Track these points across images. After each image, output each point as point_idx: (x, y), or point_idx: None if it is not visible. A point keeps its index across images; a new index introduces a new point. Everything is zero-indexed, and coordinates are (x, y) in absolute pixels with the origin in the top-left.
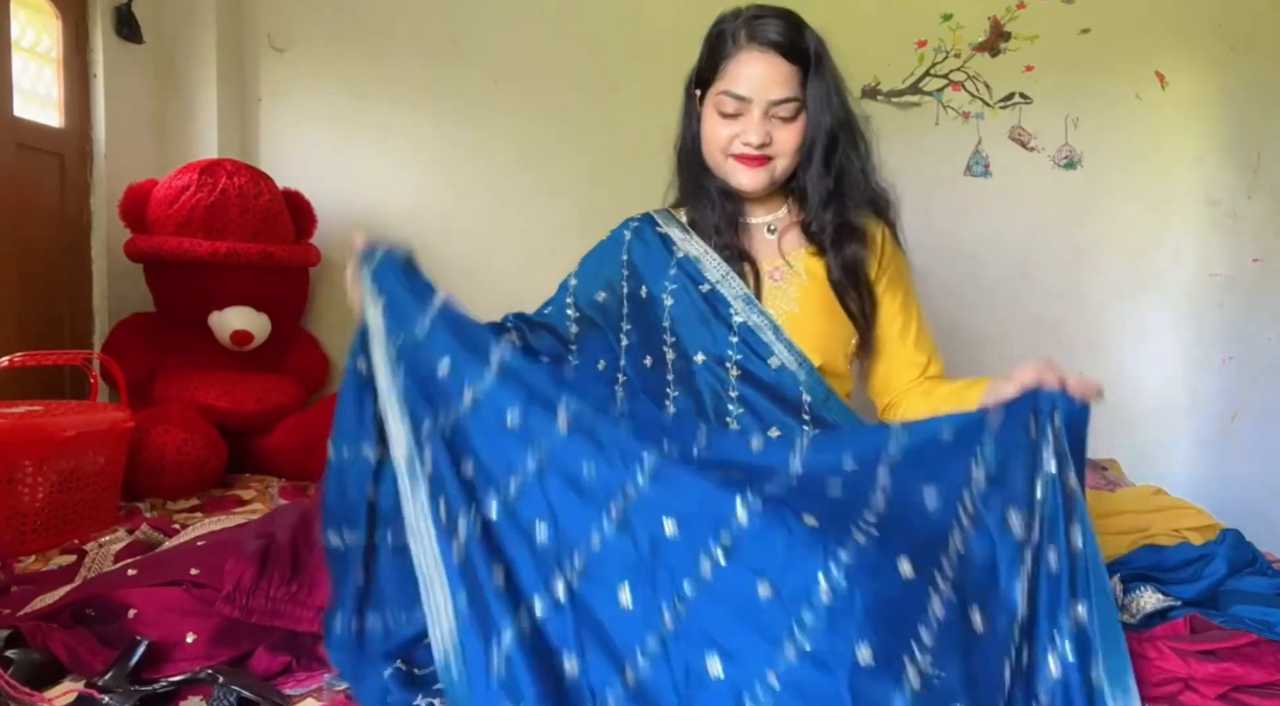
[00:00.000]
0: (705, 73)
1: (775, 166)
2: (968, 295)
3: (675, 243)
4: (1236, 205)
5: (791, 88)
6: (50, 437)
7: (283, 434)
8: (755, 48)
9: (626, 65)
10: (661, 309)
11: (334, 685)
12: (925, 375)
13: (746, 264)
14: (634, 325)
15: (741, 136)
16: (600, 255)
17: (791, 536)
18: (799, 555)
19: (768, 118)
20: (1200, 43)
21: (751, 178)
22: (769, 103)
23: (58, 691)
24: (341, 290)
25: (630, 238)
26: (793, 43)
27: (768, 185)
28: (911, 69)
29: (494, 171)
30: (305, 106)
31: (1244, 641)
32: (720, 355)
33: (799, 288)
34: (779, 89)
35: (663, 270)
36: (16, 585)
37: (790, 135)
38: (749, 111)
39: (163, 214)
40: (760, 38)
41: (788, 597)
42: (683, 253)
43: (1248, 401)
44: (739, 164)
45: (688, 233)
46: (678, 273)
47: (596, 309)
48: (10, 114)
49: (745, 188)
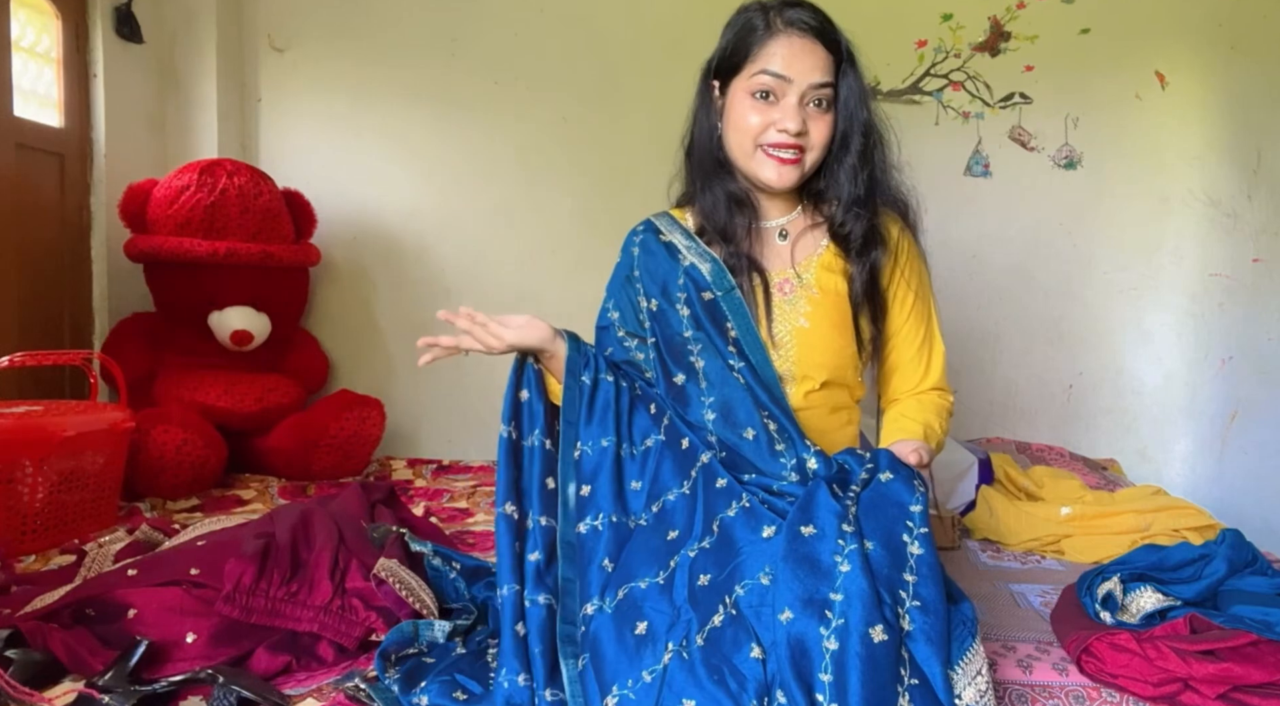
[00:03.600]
0: (732, 59)
1: (805, 161)
2: (968, 295)
3: (680, 250)
4: (1236, 205)
5: (829, 74)
6: (50, 437)
7: (283, 434)
8: (794, 31)
9: (626, 65)
10: (680, 319)
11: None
12: (921, 387)
13: (756, 275)
14: (659, 338)
15: (778, 123)
16: (619, 279)
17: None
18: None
19: (803, 105)
20: (1200, 43)
21: (782, 175)
22: (809, 86)
23: (58, 691)
24: (341, 290)
25: (638, 253)
26: (828, 30)
27: (797, 182)
28: (911, 69)
29: (493, 171)
30: (305, 106)
31: (1244, 641)
32: (727, 366)
33: (809, 301)
34: (820, 73)
35: (672, 279)
36: (16, 585)
37: (824, 127)
38: (787, 95)
39: (163, 214)
40: (798, 22)
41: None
42: (688, 261)
43: (1248, 401)
44: (770, 158)
45: (692, 240)
46: (686, 281)
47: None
48: (10, 114)
49: (774, 184)
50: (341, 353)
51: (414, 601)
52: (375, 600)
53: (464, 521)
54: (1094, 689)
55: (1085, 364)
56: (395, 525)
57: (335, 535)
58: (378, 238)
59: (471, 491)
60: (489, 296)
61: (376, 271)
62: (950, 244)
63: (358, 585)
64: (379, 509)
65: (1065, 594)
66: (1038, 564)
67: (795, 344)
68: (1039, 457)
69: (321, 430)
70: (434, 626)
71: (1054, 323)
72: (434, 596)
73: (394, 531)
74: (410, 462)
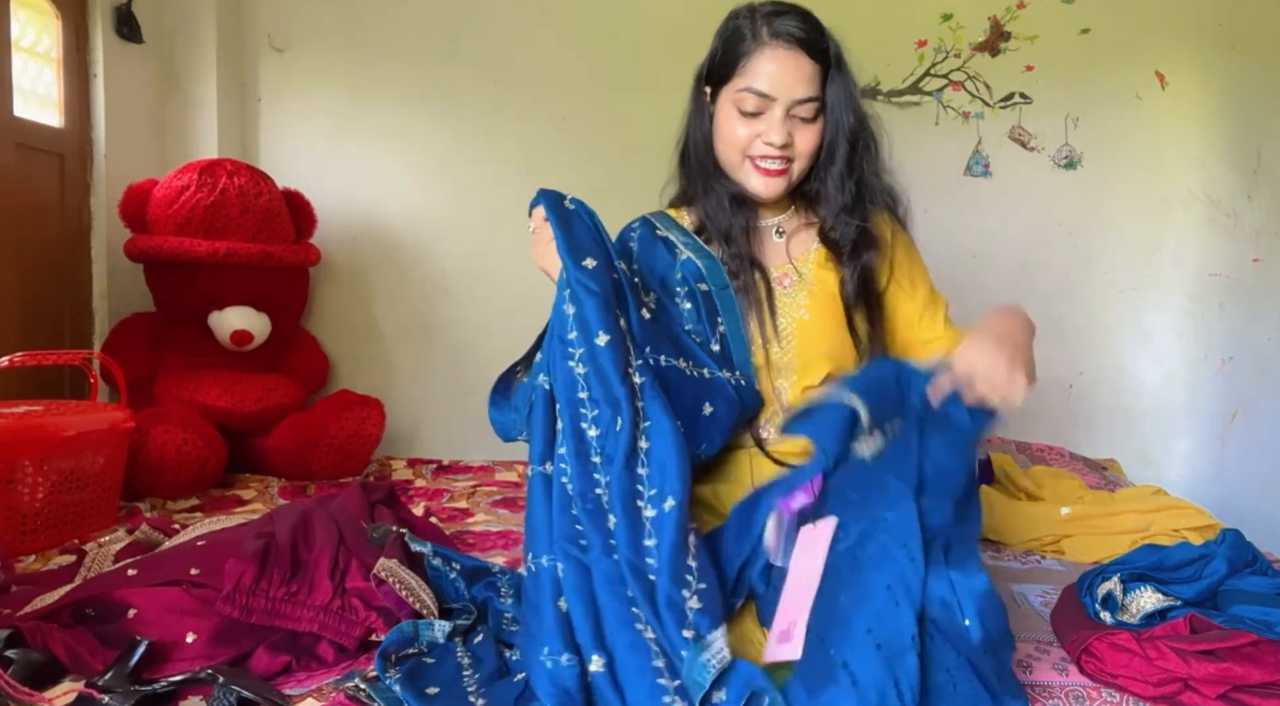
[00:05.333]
0: (721, 69)
1: (793, 171)
2: (968, 295)
3: (676, 246)
4: (1236, 205)
5: (814, 87)
6: (50, 437)
7: (283, 434)
8: (779, 44)
9: (626, 65)
10: (680, 313)
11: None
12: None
13: (757, 271)
14: (658, 328)
15: (764, 136)
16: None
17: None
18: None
19: (789, 117)
20: (1200, 43)
21: (769, 186)
22: (792, 101)
23: (58, 691)
24: (341, 290)
25: (636, 246)
26: (814, 40)
27: (784, 192)
28: (911, 69)
29: (494, 171)
30: (305, 106)
31: (1244, 641)
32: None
33: (809, 294)
34: (803, 87)
35: (670, 274)
36: (16, 585)
37: (810, 137)
38: (771, 110)
39: (163, 214)
40: (784, 34)
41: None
42: (685, 256)
43: (1248, 401)
44: (756, 171)
45: (690, 237)
46: (684, 275)
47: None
48: (10, 114)
49: (760, 194)
50: (341, 353)
51: (414, 601)
52: (375, 600)
53: (464, 521)
54: (1094, 689)
55: (1085, 364)
56: (395, 525)
57: (335, 535)
58: (378, 238)
59: (471, 491)
60: (489, 296)
61: (376, 271)
62: (950, 244)
63: (358, 585)
64: (379, 509)
65: (1065, 594)
66: (1038, 564)
67: (797, 336)
68: (1039, 457)
69: (321, 430)
70: (434, 626)
71: (1054, 323)
72: (434, 596)
73: (394, 531)
74: (410, 462)
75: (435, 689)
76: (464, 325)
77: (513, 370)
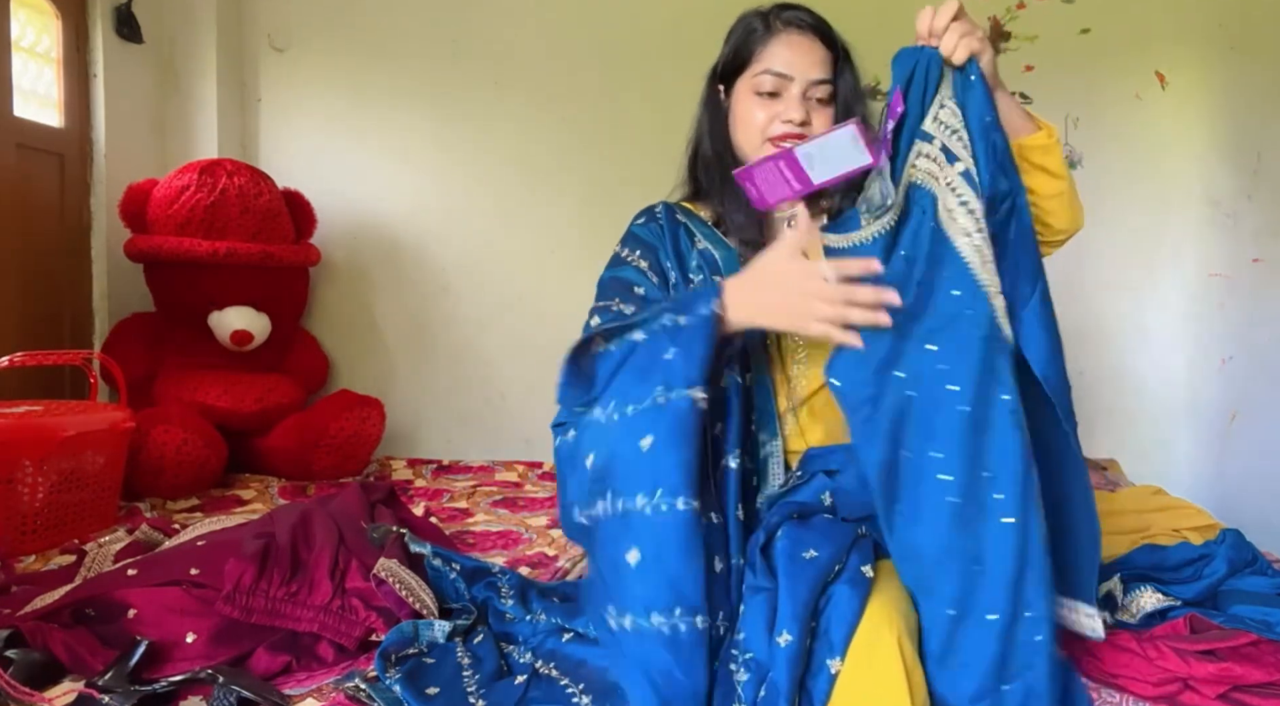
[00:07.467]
0: (735, 62)
1: None
2: None
3: (695, 234)
4: (1236, 205)
5: (828, 70)
6: (50, 437)
7: (283, 434)
8: (793, 29)
9: (626, 66)
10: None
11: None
12: None
13: None
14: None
15: (782, 115)
16: (638, 234)
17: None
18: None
19: (806, 99)
20: (1200, 43)
21: None
22: (809, 81)
23: (58, 691)
24: (341, 290)
25: (664, 223)
26: (826, 29)
27: None
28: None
29: (494, 171)
30: (305, 106)
31: (1244, 641)
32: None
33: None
34: (818, 69)
35: (689, 258)
36: (16, 585)
37: (825, 119)
38: (788, 89)
39: (163, 214)
40: (796, 21)
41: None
42: (702, 245)
43: (1248, 401)
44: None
45: (708, 228)
46: (700, 263)
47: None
48: (10, 114)
49: None
50: (341, 353)
51: (414, 601)
52: (375, 600)
53: (464, 521)
54: (1094, 689)
55: (1085, 364)
56: (395, 525)
57: (335, 535)
58: (378, 238)
59: (471, 491)
60: (489, 296)
61: (376, 271)
62: None
63: (358, 585)
64: (379, 509)
65: None
66: None
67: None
68: None
69: (321, 430)
70: (434, 626)
71: None
72: (434, 596)
73: (394, 531)
74: (410, 462)
75: (435, 689)
76: (464, 325)
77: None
